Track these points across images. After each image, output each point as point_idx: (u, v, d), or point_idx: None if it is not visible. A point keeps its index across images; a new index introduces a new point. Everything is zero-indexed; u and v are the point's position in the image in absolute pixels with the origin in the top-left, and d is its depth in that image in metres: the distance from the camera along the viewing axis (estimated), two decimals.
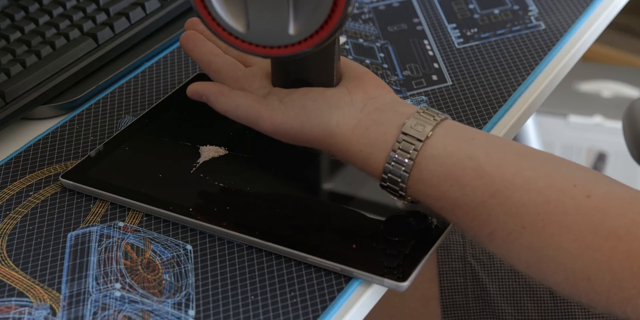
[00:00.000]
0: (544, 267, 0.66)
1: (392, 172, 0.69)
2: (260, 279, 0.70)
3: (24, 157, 0.83)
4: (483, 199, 0.67)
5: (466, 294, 0.96)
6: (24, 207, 0.78)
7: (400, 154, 0.69)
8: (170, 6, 0.98)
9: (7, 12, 0.93)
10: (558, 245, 0.64)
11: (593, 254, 0.63)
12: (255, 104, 0.73)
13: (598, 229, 0.63)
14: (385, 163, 0.70)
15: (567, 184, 0.65)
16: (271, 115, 0.72)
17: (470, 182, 0.67)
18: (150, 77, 0.92)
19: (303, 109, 0.72)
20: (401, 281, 0.69)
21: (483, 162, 0.67)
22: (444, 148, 0.68)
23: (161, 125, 0.85)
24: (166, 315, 0.68)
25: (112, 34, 0.93)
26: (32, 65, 0.88)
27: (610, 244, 0.63)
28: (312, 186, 0.79)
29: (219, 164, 0.80)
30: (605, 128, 1.85)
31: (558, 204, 0.65)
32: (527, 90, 0.90)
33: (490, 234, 0.67)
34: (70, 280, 0.71)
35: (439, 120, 0.70)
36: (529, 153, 0.68)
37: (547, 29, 0.98)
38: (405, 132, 0.69)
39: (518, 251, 0.66)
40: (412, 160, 0.69)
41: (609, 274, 0.63)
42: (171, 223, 0.75)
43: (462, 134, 0.70)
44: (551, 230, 0.64)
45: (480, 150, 0.68)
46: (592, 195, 0.64)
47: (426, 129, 0.69)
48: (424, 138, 0.69)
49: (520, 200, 0.65)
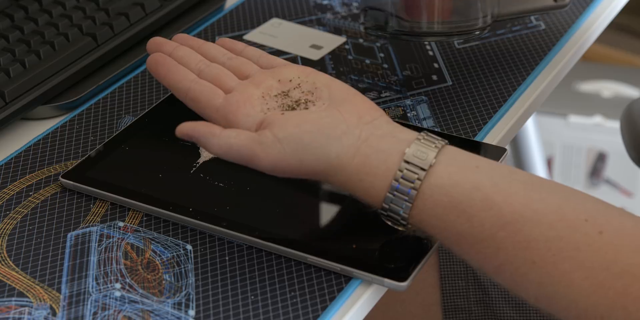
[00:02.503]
0: (554, 303, 0.64)
1: (393, 201, 0.67)
2: (260, 279, 0.70)
3: (24, 157, 0.83)
4: (492, 232, 0.64)
5: (468, 298, 0.95)
6: (24, 207, 0.78)
7: (403, 183, 0.66)
8: (170, 6, 0.98)
9: (7, 12, 0.93)
10: (569, 283, 0.63)
11: (606, 292, 0.62)
12: (248, 143, 0.69)
13: (611, 266, 0.62)
14: (387, 192, 0.67)
15: (578, 218, 0.64)
16: (267, 154, 0.68)
17: (478, 213, 0.65)
18: (150, 77, 0.92)
19: (300, 143, 0.68)
20: (401, 281, 0.69)
21: (491, 192, 0.65)
22: (448, 177, 0.66)
23: (161, 125, 0.85)
24: (166, 315, 0.68)
25: (112, 34, 0.93)
26: (32, 65, 0.88)
27: (623, 282, 0.61)
28: (312, 186, 0.79)
29: (219, 164, 0.80)
30: (605, 128, 1.85)
31: (570, 239, 0.63)
32: (527, 90, 0.90)
33: (498, 268, 0.65)
34: (70, 280, 0.71)
35: (440, 147, 0.67)
36: (536, 182, 0.66)
37: (547, 29, 0.98)
38: (407, 160, 0.67)
39: (527, 286, 0.65)
40: (416, 190, 0.66)
41: (622, 313, 0.61)
42: (171, 223, 0.75)
43: (465, 162, 0.67)
44: (563, 266, 0.63)
45: (486, 180, 0.66)
46: (604, 231, 0.63)
47: (429, 156, 0.67)
48: (427, 167, 0.66)
49: (530, 234, 0.64)
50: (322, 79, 0.73)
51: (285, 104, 0.72)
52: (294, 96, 0.72)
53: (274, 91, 0.73)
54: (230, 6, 1.03)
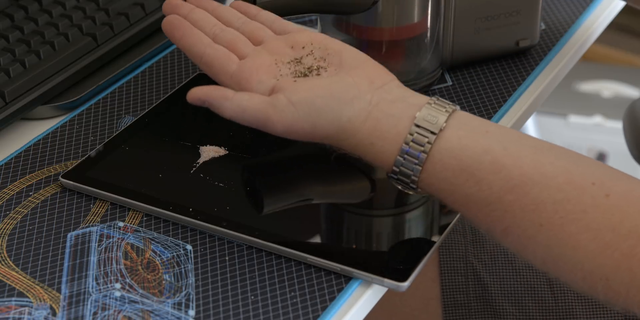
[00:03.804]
0: (560, 266, 0.65)
1: (404, 165, 0.68)
2: (260, 279, 0.70)
3: (24, 157, 0.83)
4: (499, 195, 0.65)
5: (467, 294, 0.95)
6: (24, 207, 0.78)
7: (413, 146, 0.67)
8: None
9: (7, 12, 0.93)
10: (576, 244, 0.63)
11: (612, 253, 0.62)
12: (262, 106, 0.70)
13: (617, 228, 0.62)
14: (397, 156, 0.68)
15: (586, 181, 0.64)
16: (280, 118, 0.69)
17: (486, 176, 0.66)
18: (150, 77, 0.92)
19: (312, 107, 0.69)
20: (401, 281, 0.69)
21: (500, 156, 0.66)
22: (458, 141, 0.67)
23: (161, 125, 0.85)
24: (166, 315, 0.68)
25: (112, 34, 0.93)
26: (32, 65, 0.88)
27: (629, 243, 0.62)
28: (312, 186, 0.79)
29: (219, 164, 0.80)
30: (605, 128, 1.85)
31: (577, 201, 0.64)
32: (527, 90, 0.90)
33: (505, 230, 0.66)
34: (70, 280, 0.71)
35: (450, 111, 0.68)
36: (545, 147, 0.67)
37: (547, 29, 0.98)
38: (417, 124, 0.67)
39: (534, 248, 0.65)
40: (426, 153, 0.67)
41: (628, 274, 0.62)
42: (171, 223, 0.75)
43: (475, 126, 0.68)
44: (569, 228, 0.64)
45: (496, 144, 0.66)
46: (611, 194, 0.64)
47: (439, 120, 0.67)
48: (437, 130, 0.67)
49: (538, 197, 0.64)
50: (334, 45, 0.74)
51: (297, 70, 0.72)
52: (307, 63, 0.73)
53: (286, 58, 0.73)
54: None
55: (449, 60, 0.90)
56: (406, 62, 0.87)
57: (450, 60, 0.90)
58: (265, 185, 0.79)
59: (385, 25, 0.84)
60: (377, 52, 0.84)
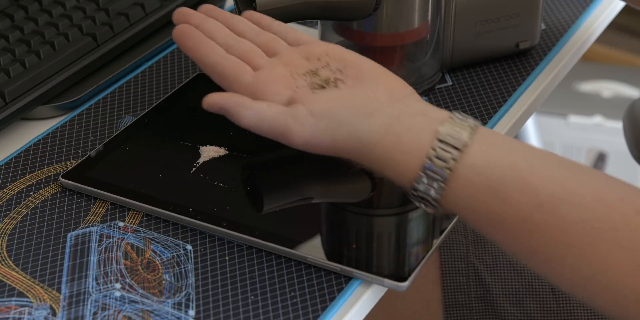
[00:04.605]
0: (590, 288, 0.62)
1: (425, 181, 0.65)
2: (260, 279, 0.70)
3: (24, 157, 0.83)
4: (526, 213, 0.62)
5: (469, 294, 0.95)
6: (24, 207, 0.78)
7: (436, 163, 0.64)
8: (170, 6, 0.98)
9: (7, 12, 0.93)
10: (607, 265, 0.60)
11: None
12: (281, 116, 0.67)
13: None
14: (419, 171, 0.65)
15: (614, 199, 0.62)
16: (300, 129, 0.67)
17: (513, 194, 0.62)
18: (150, 77, 0.92)
19: (333, 119, 0.67)
20: (401, 281, 0.69)
21: (525, 173, 0.63)
22: (482, 157, 0.64)
23: (161, 125, 0.85)
24: (166, 315, 0.68)
25: (112, 34, 0.93)
26: (32, 65, 0.88)
27: None
28: (312, 186, 0.79)
29: (219, 164, 0.80)
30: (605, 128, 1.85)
31: (607, 219, 0.61)
32: (527, 90, 0.90)
33: (532, 251, 0.63)
34: (70, 280, 0.71)
35: (473, 126, 0.65)
36: (570, 164, 0.65)
37: (547, 29, 0.98)
38: (441, 139, 0.64)
39: (562, 270, 0.62)
40: (450, 170, 0.64)
41: None
42: (171, 223, 0.75)
43: (499, 142, 0.65)
44: (600, 248, 0.60)
45: (521, 161, 0.64)
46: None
47: (463, 136, 0.65)
48: (462, 146, 0.64)
49: (567, 216, 0.61)
50: (351, 56, 0.72)
51: (314, 82, 0.71)
52: (323, 75, 0.71)
53: (302, 69, 0.72)
54: (230, 6, 1.03)
55: (449, 63, 0.90)
56: (406, 67, 0.87)
57: (450, 63, 0.90)
58: (265, 184, 0.79)
59: (386, 31, 0.84)
60: (377, 57, 0.84)
